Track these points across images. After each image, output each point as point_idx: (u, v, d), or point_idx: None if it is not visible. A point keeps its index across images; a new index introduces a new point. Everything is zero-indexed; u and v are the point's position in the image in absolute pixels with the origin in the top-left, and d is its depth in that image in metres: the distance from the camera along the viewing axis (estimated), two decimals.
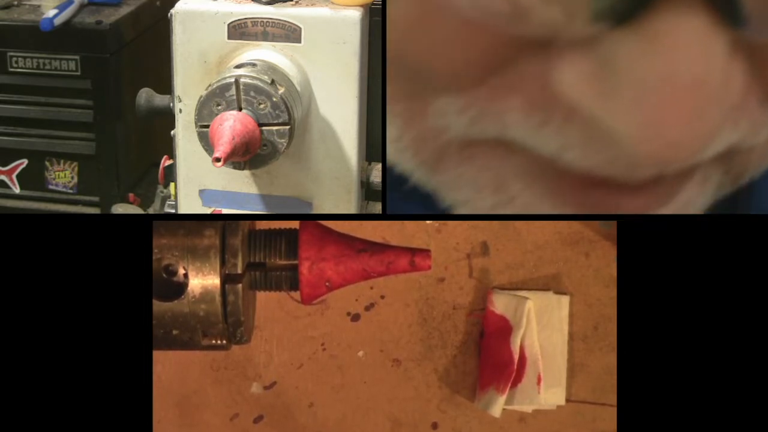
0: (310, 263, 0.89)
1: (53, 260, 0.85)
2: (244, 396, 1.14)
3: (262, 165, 0.99)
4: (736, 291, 0.89)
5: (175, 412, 1.14)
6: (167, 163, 1.19)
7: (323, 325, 1.14)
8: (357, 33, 1.03)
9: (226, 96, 0.96)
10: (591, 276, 1.13)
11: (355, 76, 1.04)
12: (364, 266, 0.85)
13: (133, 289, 0.85)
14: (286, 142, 0.98)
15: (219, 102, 0.96)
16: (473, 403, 1.14)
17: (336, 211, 1.08)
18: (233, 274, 0.87)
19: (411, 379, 1.14)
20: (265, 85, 0.96)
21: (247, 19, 1.03)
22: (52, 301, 0.85)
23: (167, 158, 1.18)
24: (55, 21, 1.42)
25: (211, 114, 0.96)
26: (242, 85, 0.95)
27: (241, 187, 1.09)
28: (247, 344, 0.94)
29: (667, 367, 0.88)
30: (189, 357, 1.14)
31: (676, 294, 0.89)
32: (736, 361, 0.88)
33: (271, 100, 0.96)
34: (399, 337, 1.14)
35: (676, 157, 0.59)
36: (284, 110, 0.96)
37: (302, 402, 1.14)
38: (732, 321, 0.88)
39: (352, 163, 1.07)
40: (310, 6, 1.04)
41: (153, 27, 1.58)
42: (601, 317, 1.13)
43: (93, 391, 0.84)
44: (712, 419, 0.87)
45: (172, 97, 1.06)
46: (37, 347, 0.84)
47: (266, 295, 0.97)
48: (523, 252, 1.14)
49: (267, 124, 0.96)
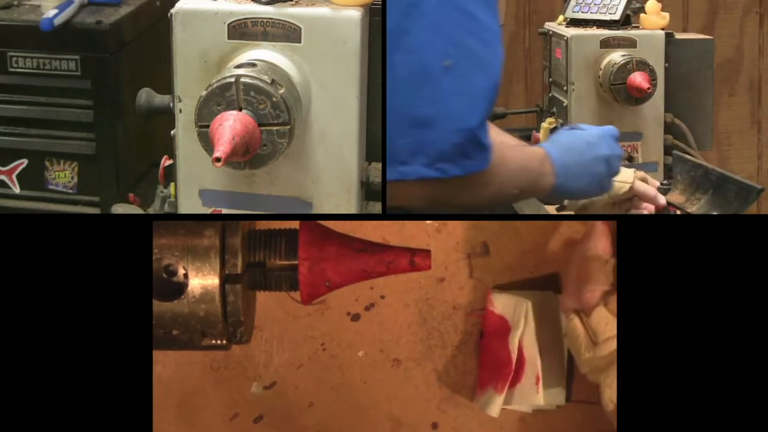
0: (310, 263, 0.89)
1: (53, 260, 0.85)
2: (244, 396, 1.14)
3: (262, 165, 0.99)
4: (736, 291, 0.89)
5: (175, 412, 1.14)
6: (167, 163, 1.18)
7: (323, 325, 1.14)
8: (357, 33, 1.02)
9: (226, 96, 0.96)
10: None
11: (355, 76, 1.04)
12: (364, 266, 0.85)
13: (133, 289, 0.85)
14: (286, 142, 0.98)
15: (219, 102, 0.96)
16: (473, 403, 1.14)
17: (336, 211, 1.07)
18: (233, 274, 0.87)
19: (411, 379, 1.14)
20: (265, 85, 0.96)
21: (247, 19, 1.03)
22: (52, 300, 0.85)
23: (167, 158, 1.18)
24: (55, 21, 1.41)
25: (211, 114, 0.95)
26: (242, 84, 0.95)
27: (241, 187, 1.09)
28: (247, 344, 0.94)
29: (667, 367, 0.88)
30: (189, 357, 1.14)
31: (675, 294, 0.89)
32: (736, 361, 0.88)
33: (271, 100, 0.96)
34: (399, 337, 1.14)
35: None
36: (284, 110, 0.96)
37: (302, 402, 1.14)
38: (732, 321, 0.88)
39: (352, 163, 1.07)
40: (310, 6, 1.04)
41: (153, 27, 1.58)
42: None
43: (93, 391, 0.84)
44: (712, 419, 0.87)
45: (172, 97, 1.06)
46: (38, 347, 0.84)
47: (266, 295, 0.97)
48: (523, 252, 1.14)
49: (267, 125, 0.96)
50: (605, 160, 1.08)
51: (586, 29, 1.67)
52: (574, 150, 1.07)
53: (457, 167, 0.91)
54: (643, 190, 1.22)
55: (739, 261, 0.89)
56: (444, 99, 0.90)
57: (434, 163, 0.91)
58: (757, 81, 2.49)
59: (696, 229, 0.91)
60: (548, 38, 1.75)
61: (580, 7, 1.70)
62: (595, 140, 1.09)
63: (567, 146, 1.07)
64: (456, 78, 0.90)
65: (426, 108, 0.90)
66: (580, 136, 1.10)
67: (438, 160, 0.91)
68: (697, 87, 1.69)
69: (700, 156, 1.63)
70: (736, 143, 2.50)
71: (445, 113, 0.90)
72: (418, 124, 0.90)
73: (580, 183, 1.06)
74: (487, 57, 0.93)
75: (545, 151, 1.04)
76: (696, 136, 1.67)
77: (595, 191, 1.11)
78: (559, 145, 1.07)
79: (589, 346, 0.96)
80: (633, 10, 1.68)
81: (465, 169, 0.92)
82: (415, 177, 0.91)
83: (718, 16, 2.44)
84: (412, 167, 0.91)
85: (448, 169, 0.91)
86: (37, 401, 0.84)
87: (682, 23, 2.38)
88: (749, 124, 2.51)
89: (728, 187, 1.37)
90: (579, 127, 1.14)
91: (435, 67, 0.89)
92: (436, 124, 0.90)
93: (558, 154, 1.04)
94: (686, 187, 1.52)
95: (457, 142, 0.90)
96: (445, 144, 0.91)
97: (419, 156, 0.91)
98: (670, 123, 1.65)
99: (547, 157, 1.03)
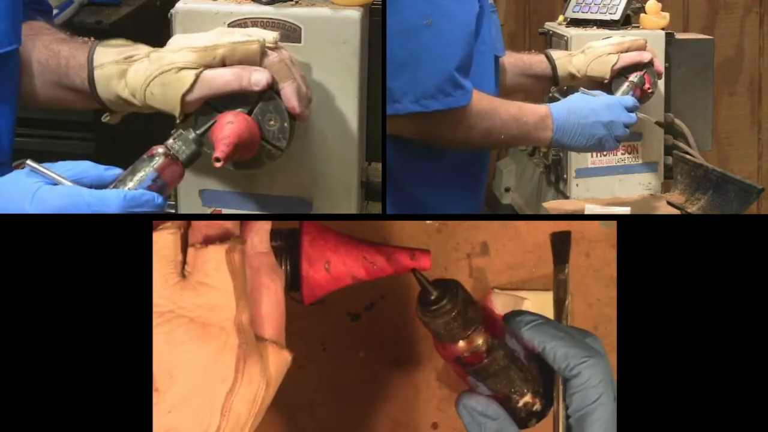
0: (311, 237, 0.89)
1: (53, 260, 0.85)
2: None
3: (262, 165, 0.99)
4: (736, 291, 0.89)
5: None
6: None
7: (323, 325, 1.14)
8: (357, 33, 1.03)
9: (247, 96, 0.96)
10: (591, 276, 1.13)
11: (355, 76, 1.04)
12: (365, 253, 0.84)
13: (133, 289, 0.85)
14: (285, 143, 0.98)
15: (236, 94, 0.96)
16: None
17: (336, 211, 1.08)
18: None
19: (411, 379, 1.14)
20: (285, 108, 0.96)
21: (247, 19, 1.03)
22: (52, 300, 0.85)
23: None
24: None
25: (224, 100, 0.96)
26: (267, 95, 0.95)
27: (241, 187, 1.09)
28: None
29: (666, 367, 0.88)
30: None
31: (675, 294, 0.89)
32: (735, 361, 0.88)
33: (282, 123, 0.96)
34: (399, 337, 1.14)
35: None
36: (286, 138, 0.97)
37: (302, 402, 1.14)
38: (731, 321, 0.88)
39: (352, 163, 1.07)
40: (310, 6, 1.04)
41: (153, 27, 1.58)
42: (601, 317, 1.13)
43: (93, 391, 0.84)
44: (712, 419, 0.87)
45: None
46: (38, 347, 0.84)
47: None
48: (523, 252, 1.14)
49: (265, 141, 0.97)
50: (605, 125, 1.29)
51: (586, 29, 1.67)
52: (577, 113, 1.29)
53: (439, 103, 1.13)
54: (629, 59, 1.47)
55: (739, 261, 0.89)
56: (425, 49, 1.12)
57: (419, 100, 1.13)
58: (757, 81, 2.49)
59: (696, 229, 0.91)
60: (548, 38, 1.75)
61: (580, 7, 1.70)
62: (600, 108, 1.30)
63: (571, 108, 1.29)
64: (434, 32, 1.12)
65: (412, 57, 1.12)
66: (588, 102, 1.31)
67: (423, 98, 1.13)
68: (697, 87, 1.69)
69: (700, 156, 1.63)
70: (736, 143, 2.50)
71: (426, 59, 1.12)
72: (406, 70, 1.11)
73: (577, 141, 1.29)
74: (461, 14, 1.16)
75: (549, 111, 1.27)
76: (696, 136, 1.67)
77: (594, 148, 1.36)
78: (564, 106, 1.29)
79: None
80: (633, 10, 1.68)
81: (446, 105, 1.14)
82: (405, 112, 1.12)
83: (718, 16, 2.44)
84: (403, 104, 1.12)
85: (431, 104, 1.13)
86: (37, 401, 0.84)
87: (682, 23, 2.38)
88: (749, 124, 2.51)
89: (728, 187, 1.38)
90: (592, 93, 1.35)
91: (418, 24, 1.11)
92: (420, 69, 1.12)
93: (559, 114, 1.27)
94: (686, 187, 1.52)
95: (437, 82, 1.13)
96: (428, 84, 1.13)
97: (408, 95, 1.12)
98: (670, 123, 1.65)
99: (549, 115, 1.27)
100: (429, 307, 0.76)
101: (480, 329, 0.77)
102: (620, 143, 1.37)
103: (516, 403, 0.78)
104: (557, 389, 0.77)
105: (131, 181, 0.88)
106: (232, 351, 0.67)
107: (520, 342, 0.79)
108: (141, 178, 0.87)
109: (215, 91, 0.96)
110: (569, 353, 0.75)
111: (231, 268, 0.68)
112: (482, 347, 0.75)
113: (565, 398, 0.76)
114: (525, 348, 0.79)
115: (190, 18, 1.04)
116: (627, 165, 1.64)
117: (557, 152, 1.66)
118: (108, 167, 0.89)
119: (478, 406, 0.78)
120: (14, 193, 0.85)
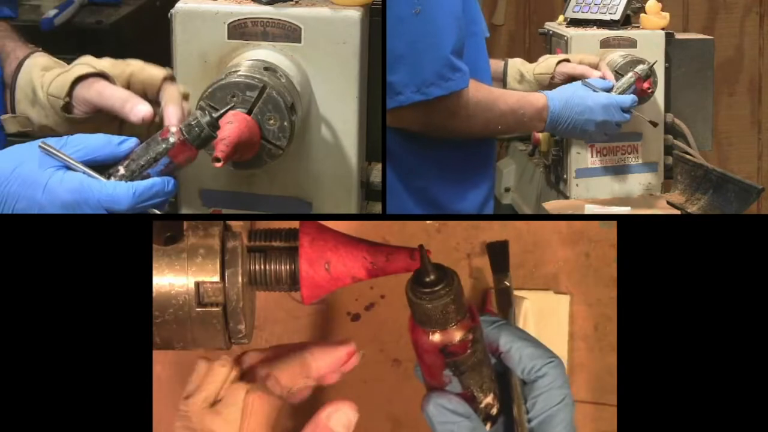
0: (309, 263, 0.89)
1: (53, 260, 0.85)
2: None
3: (263, 164, 0.99)
4: (736, 291, 0.89)
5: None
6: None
7: (323, 325, 1.14)
8: (357, 33, 1.03)
9: (246, 94, 0.95)
10: (591, 276, 1.13)
11: (355, 76, 1.04)
12: (364, 252, 0.84)
13: (133, 290, 0.85)
14: (286, 142, 0.98)
15: (235, 94, 0.95)
16: None
17: (336, 211, 1.08)
18: (233, 274, 0.87)
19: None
20: (284, 107, 0.96)
21: (247, 19, 1.03)
22: (52, 300, 0.85)
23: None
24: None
25: (222, 100, 0.95)
26: (267, 95, 0.95)
27: (241, 187, 1.09)
28: (247, 344, 0.93)
29: (666, 367, 0.88)
30: (189, 357, 1.14)
31: (675, 294, 0.89)
32: (735, 361, 0.88)
33: (282, 123, 0.96)
34: (399, 337, 1.14)
35: None
36: (286, 137, 0.96)
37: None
38: (731, 320, 0.88)
39: (352, 163, 1.07)
40: (310, 6, 1.04)
41: (153, 27, 1.58)
42: (601, 317, 1.13)
43: (93, 391, 0.84)
44: (712, 419, 0.87)
45: None
46: (38, 347, 0.84)
47: (266, 295, 0.96)
48: (523, 252, 1.14)
49: (265, 140, 0.97)
50: (597, 124, 1.35)
51: (586, 29, 1.67)
52: (572, 108, 1.33)
53: (440, 89, 1.15)
54: (567, 71, 1.49)
55: (739, 261, 0.89)
56: (419, 38, 1.14)
57: (421, 89, 1.15)
58: (757, 81, 2.49)
59: (696, 229, 0.91)
60: (548, 38, 1.75)
61: (580, 7, 1.70)
62: (597, 107, 1.35)
63: (567, 103, 1.33)
64: (425, 20, 1.14)
65: (407, 48, 1.14)
66: (585, 98, 1.35)
67: (423, 86, 1.15)
68: (697, 87, 1.69)
69: (700, 156, 1.63)
70: (736, 143, 2.50)
71: (422, 48, 1.14)
72: (402, 61, 1.13)
73: (566, 132, 1.37)
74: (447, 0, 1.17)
75: (546, 103, 1.31)
76: (696, 136, 1.67)
77: (583, 139, 1.50)
78: (561, 99, 1.33)
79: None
80: (633, 10, 1.68)
81: (446, 89, 1.16)
82: (408, 102, 1.14)
83: (718, 16, 2.44)
84: (405, 95, 1.15)
85: (432, 92, 1.15)
86: (37, 401, 0.84)
87: (682, 23, 2.38)
88: (749, 124, 2.52)
89: (728, 187, 1.38)
90: (595, 88, 1.38)
91: (407, 14, 1.13)
92: (417, 58, 1.14)
93: (555, 107, 1.32)
94: (686, 187, 1.52)
95: (436, 68, 1.15)
96: (428, 72, 1.15)
97: (409, 86, 1.14)
98: (670, 123, 1.65)
99: (546, 108, 1.31)
100: (426, 288, 0.75)
101: (469, 318, 0.75)
102: (608, 136, 1.45)
103: (479, 403, 0.77)
104: (516, 393, 0.76)
105: (144, 164, 0.88)
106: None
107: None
108: (153, 161, 0.88)
109: (102, 100, 0.97)
110: (535, 354, 0.74)
111: (246, 408, 0.77)
112: (469, 336, 0.74)
113: (526, 401, 0.75)
114: (488, 348, 0.78)
115: (190, 18, 1.04)
116: (627, 165, 1.64)
117: (557, 152, 1.66)
118: (121, 140, 0.89)
119: (449, 404, 0.75)
120: (27, 176, 0.87)
